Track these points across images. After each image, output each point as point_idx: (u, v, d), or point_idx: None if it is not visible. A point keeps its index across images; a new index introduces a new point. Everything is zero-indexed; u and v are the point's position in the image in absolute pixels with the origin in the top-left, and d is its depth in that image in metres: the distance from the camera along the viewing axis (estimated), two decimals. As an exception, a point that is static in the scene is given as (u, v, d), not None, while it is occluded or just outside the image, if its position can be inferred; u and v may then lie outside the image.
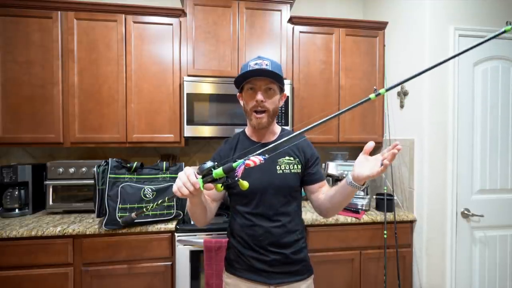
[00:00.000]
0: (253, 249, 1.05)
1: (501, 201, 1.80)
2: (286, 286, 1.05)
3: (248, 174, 0.99)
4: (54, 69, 1.77)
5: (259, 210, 1.05)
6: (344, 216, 1.74)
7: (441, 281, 1.75)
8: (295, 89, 2.00)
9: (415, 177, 1.80)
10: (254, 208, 1.06)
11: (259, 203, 1.05)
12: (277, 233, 1.04)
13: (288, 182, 1.07)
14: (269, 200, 1.05)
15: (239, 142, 1.14)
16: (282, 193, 1.06)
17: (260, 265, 1.04)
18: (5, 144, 1.75)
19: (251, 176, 1.01)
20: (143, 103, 1.86)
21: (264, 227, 1.04)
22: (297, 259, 1.07)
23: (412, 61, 1.84)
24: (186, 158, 2.25)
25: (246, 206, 1.07)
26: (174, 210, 1.63)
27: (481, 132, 1.78)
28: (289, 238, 1.06)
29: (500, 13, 1.78)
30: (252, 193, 1.05)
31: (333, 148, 2.40)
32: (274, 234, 1.04)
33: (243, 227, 1.07)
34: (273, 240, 1.04)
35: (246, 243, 1.07)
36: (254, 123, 1.06)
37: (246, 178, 0.97)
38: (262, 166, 0.93)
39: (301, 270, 1.09)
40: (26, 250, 1.47)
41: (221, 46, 1.93)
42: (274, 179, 1.05)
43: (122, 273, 1.55)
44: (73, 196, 1.80)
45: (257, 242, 1.05)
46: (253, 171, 0.98)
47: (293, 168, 1.08)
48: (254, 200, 1.06)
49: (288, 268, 1.06)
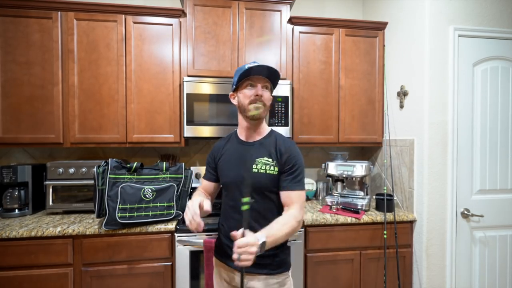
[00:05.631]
0: (227, 237, 1.11)
1: (501, 201, 1.80)
2: (254, 276, 1.10)
3: (228, 167, 1.17)
4: (54, 69, 1.77)
5: (233, 203, 1.15)
6: (344, 216, 1.74)
7: (441, 281, 1.75)
8: (295, 89, 2.01)
9: (415, 177, 1.80)
10: (230, 200, 1.17)
11: (234, 197, 1.14)
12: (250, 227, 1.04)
13: (261, 181, 1.10)
14: (242, 196, 1.04)
15: (229, 141, 1.25)
16: (254, 191, 1.09)
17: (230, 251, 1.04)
18: (5, 145, 1.75)
19: (231, 169, 1.16)
20: (143, 103, 1.86)
21: (236, 220, 1.13)
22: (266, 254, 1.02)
23: (412, 61, 1.84)
24: (186, 158, 2.26)
25: (226, 198, 1.20)
26: (174, 210, 1.63)
27: (481, 132, 1.78)
28: None
29: (500, 13, 1.78)
30: (230, 186, 1.17)
31: (333, 148, 2.41)
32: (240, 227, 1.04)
33: (224, 217, 1.21)
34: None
35: (224, 232, 1.18)
36: (253, 113, 1.11)
37: (226, 171, 1.17)
38: (242, 162, 1.13)
39: (271, 265, 1.11)
40: (26, 250, 1.47)
41: (221, 46, 1.93)
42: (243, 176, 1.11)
43: (122, 273, 1.55)
44: (73, 197, 1.80)
45: (229, 230, 1.04)
46: (233, 166, 1.15)
47: (269, 169, 1.11)
48: (231, 193, 1.17)
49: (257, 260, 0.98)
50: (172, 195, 1.63)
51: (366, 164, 1.91)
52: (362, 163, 1.91)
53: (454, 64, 1.73)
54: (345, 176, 1.93)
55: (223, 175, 1.19)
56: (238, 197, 1.07)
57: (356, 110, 2.07)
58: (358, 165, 1.90)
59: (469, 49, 1.76)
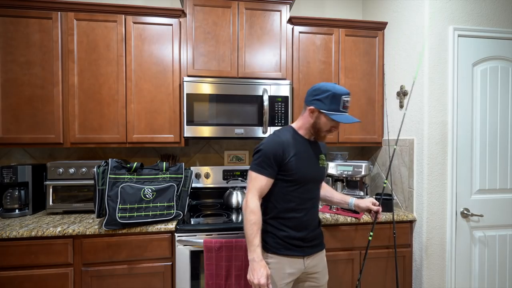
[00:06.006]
0: (294, 228, 1.24)
1: (501, 201, 1.80)
2: (313, 255, 1.29)
3: (305, 163, 1.25)
4: (54, 70, 1.77)
5: (307, 195, 1.27)
6: (344, 216, 1.74)
7: (441, 281, 1.76)
8: (295, 89, 2.01)
9: (414, 177, 1.80)
10: (303, 193, 1.26)
11: (309, 190, 1.27)
12: (315, 214, 1.32)
13: (323, 174, 1.38)
14: (313, 188, 1.30)
15: (293, 138, 1.27)
16: (319, 182, 1.36)
17: (296, 242, 1.24)
18: (5, 145, 1.75)
19: (303, 166, 1.24)
20: (143, 103, 1.86)
21: (307, 209, 1.27)
22: (319, 233, 1.34)
23: (412, 61, 1.84)
24: (186, 158, 2.26)
25: (296, 192, 1.24)
26: (174, 210, 1.63)
27: (481, 131, 1.78)
28: (318, 218, 1.34)
29: (500, 13, 1.79)
30: (306, 180, 1.25)
31: (333, 148, 2.41)
32: (314, 214, 1.31)
33: (289, 211, 1.24)
34: (313, 220, 1.29)
35: (289, 223, 1.24)
36: (322, 139, 1.31)
37: (304, 166, 1.25)
38: (313, 159, 1.30)
39: (322, 243, 1.35)
40: (26, 250, 1.48)
41: (220, 46, 1.94)
42: (318, 171, 1.31)
43: (122, 273, 1.55)
44: (73, 197, 1.80)
45: (300, 222, 1.25)
46: (304, 163, 1.25)
47: (324, 163, 1.38)
48: (305, 186, 1.26)
49: (316, 241, 1.31)
50: (172, 195, 1.64)
51: (366, 164, 1.91)
52: (362, 163, 1.91)
53: (454, 64, 1.73)
54: (345, 176, 1.93)
55: (301, 171, 1.23)
56: (314, 190, 1.30)
57: (356, 110, 2.07)
58: (358, 165, 1.91)
59: (469, 49, 1.76)
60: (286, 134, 1.26)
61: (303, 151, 1.26)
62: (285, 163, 1.20)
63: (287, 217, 1.24)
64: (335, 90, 1.18)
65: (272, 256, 1.23)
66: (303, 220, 1.25)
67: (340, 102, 1.18)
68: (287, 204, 1.24)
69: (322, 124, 1.23)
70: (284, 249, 1.23)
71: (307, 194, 1.26)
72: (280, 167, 1.21)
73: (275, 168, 1.20)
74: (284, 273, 1.22)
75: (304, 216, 1.25)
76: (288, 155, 1.21)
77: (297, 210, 1.24)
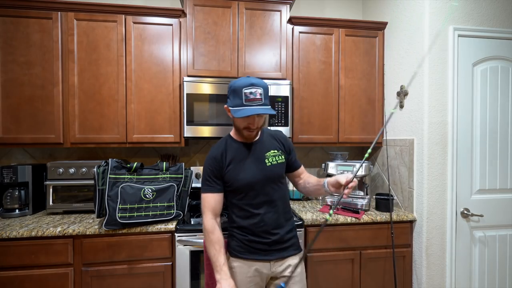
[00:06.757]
0: (254, 234, 1.21)
1: (501, 201, 1.80)
2: (281, 260, 1.24)
3: (242, 169, 1.20)
4: (54, 70, 1.77)
5: (257, 200, 1.21)
6: (344, 216, 1.74)
7: (441, 281, 1.76)
8: (295, 89, 2.01)
9: (414, 177, 1.80)
10: (252, 199, 1.20)
11: (257, 194, 1.21)
12: (273, 217, 1.22)
13: (277, 172, 1.25)
14: (264, 191, 1.21)
15: (228, 147, 1.25)
16: (273, 182, 1.24)
17: (260, 246, 1.21)
18: (5, 145, 1.76)
19: (245, 171, 1.20)
20: (143, 103, 1.86)
21: (262, 214, 1.20)
22: (288, 237, 1.26)
23: (412, 61, 1.84)
24: (186, 158, 2.26)
25: (243, 199, 1.21)
26: (174, 210, 1.63)
27: (481, 131, 1.78)
28: (282, 220, 1.25)
29: (500, 13, 1.78)
30: (249, 187, 1.20)
31: (333, 148, 2.41)
32: (272, 218, 1.22)
33: (243, 218, 1.22)
34: (270, 224, 1.21)
35: (247, 230, 1.21)
36: (246, 137, 1.22)
37: (241, 173, 1.20)
38: (253, 161, 1.21)
39: (292, 246, 1.27)
40: (26, 250, 1.48)
41: (220, 46, 1.94)
42: (266, 172, 1.22)
43: (122, 273, 1.55)
44: (73, 197, 1.80)
45: (257, 228, 1.20)
46: (242, 169, 1.20)
47: (279, 159, 1.26)
48: (251, 192, 1.20)
49: (284, 245, 1.24)
50: (172, 195, 1.64)
51: (366, 164, 1.91)
52: (362, 163, 1.91)
53: (454, 64, 1.73)
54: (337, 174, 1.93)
55: (239, 179, 1.19)
56: (268, 192, 1.22)
57: (356, 110, 2.07)
58: (358, 165, 1.90)
59: (469, 49, 1.76)
60: (220, 146, 1.24)
61: (239, 157, 1.21)
62: (223, 175, 1.21)
63: (245, 225, 1.22)
64: (236, 83, 1.11)
65: (235, 260, 1.23)
66: (261, 226, 1.20)
67: (242, 95, 1.09)
68: (241, 213, 1.23)
69: (237, 123, 1.18)
70: (247, 253, 1.22)
71: (258, 198, 1.20)
72: (223, 179, 1.22)
73: (219, 182, 1.21)
74: (248, 277, 1.21)
75: (261, 221, 1.20)
76: (224, 166, 1.20)
77: (252, 216, 1.21)
